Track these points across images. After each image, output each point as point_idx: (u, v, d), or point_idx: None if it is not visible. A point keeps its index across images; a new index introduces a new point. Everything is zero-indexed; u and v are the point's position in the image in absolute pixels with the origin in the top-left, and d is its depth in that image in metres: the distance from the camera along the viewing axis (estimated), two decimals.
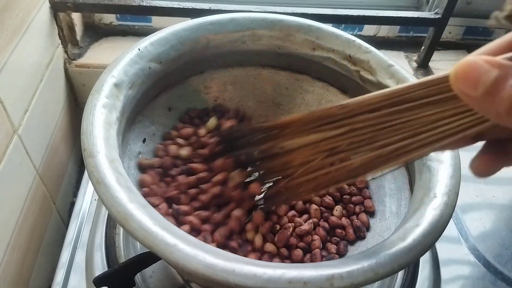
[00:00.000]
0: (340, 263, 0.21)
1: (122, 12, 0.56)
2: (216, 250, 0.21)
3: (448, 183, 0.25)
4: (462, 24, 0.62)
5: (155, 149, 0.34)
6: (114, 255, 0.35)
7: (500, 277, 0.37)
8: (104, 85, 0.28)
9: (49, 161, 0.49)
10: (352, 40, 0.35)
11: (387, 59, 0.34)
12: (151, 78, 0.32)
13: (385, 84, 0.33)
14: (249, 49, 0.37)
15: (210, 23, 0.35)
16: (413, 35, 0.63)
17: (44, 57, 0.49)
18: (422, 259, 0.36)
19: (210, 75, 0.38)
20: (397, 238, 0.23)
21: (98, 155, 0.24)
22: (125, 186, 0.23)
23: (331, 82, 0.38)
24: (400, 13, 0.54)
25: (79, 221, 0.40)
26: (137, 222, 0.22)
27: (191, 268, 0.20)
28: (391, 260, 0.21)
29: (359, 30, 0.62)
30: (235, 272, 0.20)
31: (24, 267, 0.43)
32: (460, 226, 0.41)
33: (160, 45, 0.33)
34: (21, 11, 0.42)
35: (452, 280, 0.37)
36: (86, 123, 0.26)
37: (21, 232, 0.42)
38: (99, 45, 0.59)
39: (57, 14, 0.51)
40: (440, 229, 0.23)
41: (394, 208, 0.32)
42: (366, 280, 0.20)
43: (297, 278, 0.20)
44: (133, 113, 0.32)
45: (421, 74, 0.59)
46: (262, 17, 0.36)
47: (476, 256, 0.38)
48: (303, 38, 0.37)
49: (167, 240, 0.21)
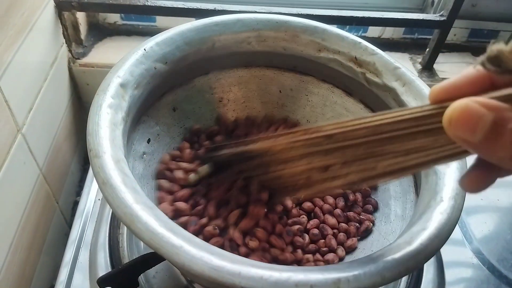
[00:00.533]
0: (346, 266, 0.21)
1: (127, 11, 0.56)
2: (222, 252, 0.21)
3: (455, 186, 0.25)
4: (467, 26, 0.62)
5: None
6: (117, 255, 0.35)
7: (504, 281, 0.37)
8: (110, 85, 0.28)
9: (53, 160, 0.49)
10: (358, 42, 0.35)
11: (393, 61, 0.34)
12: (156, 79, 0.32)
13: (390, 86, 0.33)
14: (255, 50, 0.37)
15: (216, 23, 0.35)
16: (418, 37, 0.63)
17: (49, 56, 0.49)
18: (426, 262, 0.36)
19: (215, 76, 0.38)
20: (403, 241, 0.22)
21: (104, 156, 0.24)
22: (131, 187, 0.23)
23: (336, 83, 0.38)
24: (405, 15, 0.54)
25: (83, 221, 0.40)
26: (143, 223, 0.21)
27: (197, 270, 0.20)
28: (398, 264, 0.21)
29: (363, 32, 0.62)
30: (241, 275, 0.20)
31: (26, 266, 0.43)
32: (464, 230, 0.40)
33: (165, 46, 0.33)
34: (25, 10, 0.42)
35: (456, 283, 0.37)
36: (92, 123, 0.26)
37: (24, 231, 0.42)
38: (103, 44, 0.59)
39: (62, 14, 0.51)
40: (447, 233, 0.23)
41: (399, 211, 0.32)
42: (373, 284, 0.20)
43: (303, 281, 0.20)
44: (138, 113, 0.32)
45: (426, 76, 0.58)
46: (268, 18, 0.36)
47: (481, 260, 0.38)
48: (309, 39, 0.36)
49: (173, 241, 0.21)
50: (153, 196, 0.32)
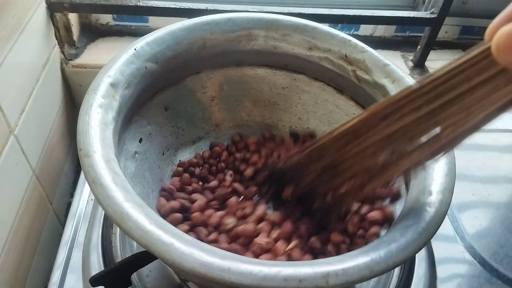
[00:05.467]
0: (335, 260, 0.21)
1: (119, 12, 0.56)
2: (212, 248, 0.21)
3: (443, 181, 0.25)
4: (458, 23, 0.63)
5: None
6: (110, 255, 0.35)
7: (495, 274, 0.37)
8: (100, 85, 0.28)
9: (46, 162, 0.49)
10: (348, 40, 0.36)
11: (383, 59, 0.34)
12: (147, 78, 0.32)
13: (380, 83, 0.33)
14: (246, 49, 0.37)
15: (206, 23, 0.35)
16: (409, 35, 0.64)
17: (41, 58, 0.49)
18: (418, 257, 0.36)
19: (206, 75, 0.38)
20: (392, 236, 0.23)
21: (94, 155, 0.24)
22: (121, 186, 0.23)
23: (327, 81, 0.38)
24: (396, 13, 0.54)
25: (76, 221, 0.40)
26: (133, 221, 0.22)
27: (187, 266, 0.20)
28: (386, 257, 0.21)
29: (355, 30, 0.62)
30: (231, 270, 0.20)
31: (20, 268, 0.42)
32: (456, 224, 0.41)
33: (156, 45, 0.33)
34: (17, 11, 0.42)
35: (448, 277, 0.37)
36: (82, 123, 0.26)
37: (17, 233, 0.41)
38: (95, 45, 0.59)
39: (54, 15, 0.51)
40: (435, 226, 0.23)
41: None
42: (361, 277, 0.20)
43: (292, 276, 0.20)
44: (130, 113, 0.32)
45: (417, 73, 0.59)
46: (258, 17, 0.37)
47: (472, 254, 0.39)
48: (299, 38, 0.37)
49: (163, 239, 0.21)
50: (150, 197, 0.32)
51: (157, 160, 0.35)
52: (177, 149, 0.38)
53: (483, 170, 0.44)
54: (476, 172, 0.43)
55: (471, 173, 0.43)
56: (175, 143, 0.38)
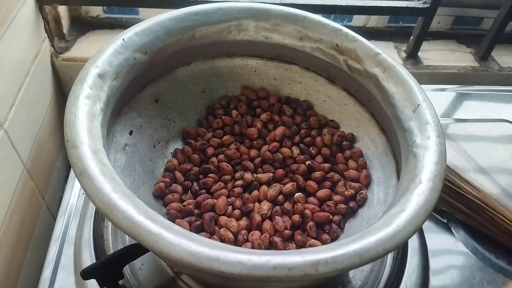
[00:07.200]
0: (325, 248, 0.21)
1: (109, 3, 0.55)
2: (201, 238, 0.21)
3: (433, 169, 0.25)
4: (451, 13, 0.62)
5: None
6: (102, 248, 0.35)
7: (488, 263, 0.37)
8: (87, 76, 0.28)
9: (37, 156, 0.48)
10: (339, 29, 0.35)
11: (374, 48, 0.34)
12: (136, 69, 0.32)
13: (372, 72, 0.33)
14: (236, 39, 0.37)
15: (196, 13, 0.35)
16: (402, 25, 0.63)
17: (30, 51, 0.48)
18: (410, 246, 0.36)
19: (197, 66, 0.38)
20: (382, 223, 0.23)
21: (81, 146, 0.24)
22: (109, 177, 0.23)
23: (319, 72, 0.38)
24: (388, 3, 0.54)
25: (67, 216, 0.40)
26: (121, 212, 0.21)
27: (175, 256, 0.20)
28: (376, 245, 0.21)
29: (348, 21, 0.62)
30: (220, 260, 0.20)
31: (12, 264, 0.42)
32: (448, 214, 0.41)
33: (145, 35, 0.32)
34: (4, 4, 0.41)
35: (441, 267, 0.37)
36: (69, 114, 0.25)
37: (9, 228, 0.41)
38: (86, 38, 0.58)
39: (43, 7, 0.50)
40: (425, 214, 0.23)
41: (382, 196, 0.32)
42: (351, 264, 0.20)
43: (282, 264, 0.20)
44: (119, 105, 0.32)
45: (410, 64, 0.59)
46: (248, 7, 0.36)
47: (464, 243, 0.39)
48: (290, 28, 0.36)
49: (152, 229, 0.21)
50: (141, 189, 0.32)
51: (148, 152, 0.35)
52: (168, 142, 0.38)
53: (475, 160, 0.44)
54: (468, 162, 0.44)
55: (463, 163, 0.43)
56: (166, 136, 0.37)
